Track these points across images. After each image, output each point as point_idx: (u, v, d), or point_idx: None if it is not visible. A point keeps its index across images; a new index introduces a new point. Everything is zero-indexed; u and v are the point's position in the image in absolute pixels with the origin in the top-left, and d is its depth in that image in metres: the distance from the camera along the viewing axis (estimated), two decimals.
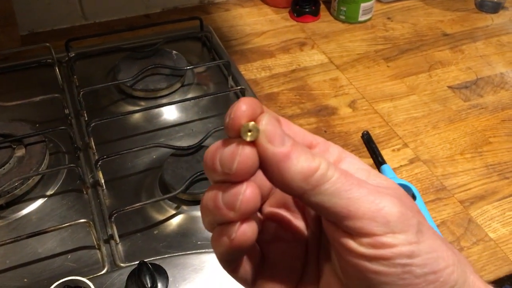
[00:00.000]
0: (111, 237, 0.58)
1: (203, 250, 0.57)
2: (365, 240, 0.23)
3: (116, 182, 0.65)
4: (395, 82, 0.83)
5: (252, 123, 0.23)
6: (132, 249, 0.58)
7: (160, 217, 0.60)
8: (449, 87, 0.82)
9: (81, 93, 0.71)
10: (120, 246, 0.58)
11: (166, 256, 0.56)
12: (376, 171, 0.27)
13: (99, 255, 0.57)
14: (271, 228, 0.29)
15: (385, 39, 0.93)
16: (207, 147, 0.65)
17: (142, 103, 0.76)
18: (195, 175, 0.60)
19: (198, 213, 0.61)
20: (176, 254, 0.57)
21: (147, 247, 0.58)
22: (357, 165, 0.27)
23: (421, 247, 0.23)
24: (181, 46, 0.87)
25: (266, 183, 0.28)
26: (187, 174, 0.61)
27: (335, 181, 0.23)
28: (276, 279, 0.29)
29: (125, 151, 0.62)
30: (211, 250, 0.57)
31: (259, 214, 0.30)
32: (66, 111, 0.73)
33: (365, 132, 0.73)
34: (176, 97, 0.77)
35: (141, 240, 0.59)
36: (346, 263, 0.25)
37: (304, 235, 0.30)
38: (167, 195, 0.58)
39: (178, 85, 0.78)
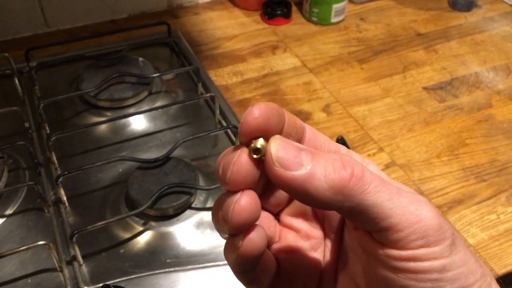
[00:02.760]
0: (74, 258, 0.54)
1: (173, 269, 0.54)
2: (396, 252, 0.22)
3: (80, 199, 0.61)
4: (370, 84, 0.82)
5: (261, 142, 0.22)
6: (97, 270, 0.55)
7: (127, 235, 0.57)
8: (424, 88, 0.81)
9: (42, 105, 0.67)
10: (84, 268, 0.55)
11: (133, 276, 0.53)
12: (393, 180, 0.25)
13: (61, 278, 0.54)
14: (289, 238, 0.29)
15: (358, 41, 0.91)
16: (175, 158, 0.62)
17: (108, 113, 0.73)
18: (162, 189, 0.57)
19: (167, 229, 0.58)
20: (144, 274, 0.54)
21: (113, 267, 0.55)
22: (378, 173, 0.25)
23: (452, 260, 0.22)
24: (148, 53, 0.84)
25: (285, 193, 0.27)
26: (154, 188, 0.58)
27: (374, 189, 0.22)
28: None
29: (87, 166, 0.59)
30: (181, 268, 0.54)
31: (277, 224, 0.29)
32: (27, 125, 0.69)
33: (340, 137, 0.70)
34: (144, 106, 0.74)
35: (106, 260, 0.55)
36: (372, 272, 0.23)
37: (322, 246, 0.29)
38: (133, 212, 0.55)
39: (145, 93, 0.75)
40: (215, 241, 0.57)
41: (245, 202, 0.22)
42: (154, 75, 0.74)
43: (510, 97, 0.79)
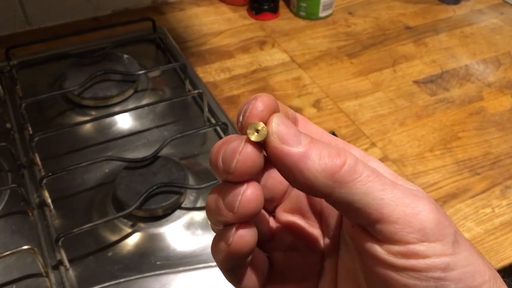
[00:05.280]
0: (60, 262, 0.53)
1: (163, 271, 0.53)
2: (396, 248, 0.21)
3: (66, 201, 0.59)
4: (360, 79, 0.80)
5: (261, 123, 0.22)
6: (84, 274, 0.53)
7: (115, 237, 0.55)
8: (415, 81, 0.80)
9: (23, 104, 0.65)
10: (71, 272, 0.53)
11: (122, 280, 0.52)
12: (402, 178, 0.24)
13: (48, 283, 0.52)
14: (284, 236, 0.28)
15: (347, 35, 0.90)
16: (163, 157, 0.61)
17: (93, 112, 0.71)
18: (151, 189, 0.55)
19: (156, 231, 0.56)
20: (133, 277, 0.52)
21: (101, 271, 0.53)
22: (382, 170, 0.24)
23: (457, 259, 0.21)
24: (133, 50, 0.82)
25: (280, 186, 0.26)
26: (142, 189, 0.56)
27: (366, 178, 0.21)
28: None
29: (72, 167, 0.57)
30: (172, 270, 0.53)
31: (271, 221, 0.28)
32: (8, 125, 0.67)
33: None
34: (130, 104, 0.72)
35: (94, 263, 0.54)
36: (372, 272, 0.22)
37: (320, 244, 0.27)
38: (121, 213, 0.54)
39: (131, 91, 0.73)
40: (206, 242, 0.56)
41: (251, 193, 0.22)
42: (140, 72, 0.72)
43: (501, 89, 0.79)
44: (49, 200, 0.58)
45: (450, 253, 0.21)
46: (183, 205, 0.59)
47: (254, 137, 0.22)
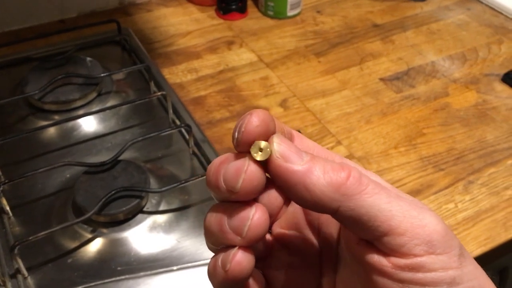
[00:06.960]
0: (18, 271, 0.52)
1: (123, 277, 0.52)
2: (403, 261, 0.21)
3: (25, 208, 0.58)
4: (327, 77, 0.80)
5: (264, 142, 0.22)
6: (43, 282, 0.52)
7: (75, 244, 0.55)
8: (381, 79, 0.80)
9: None
10: (29, 280, 0.52)
11: (81, 286, 0.51)
12: (398, 189, 0.24)
13: None
14: (281, 253, 0.27)
15: (315, 34, 0.90)
16: (124, 161, 0.60)
17: (55, 116, 0.70)
18: (110, 194, 0.54)
19: (118, 236, 0.56)
20: (93, 283, 0.51)
21: (60, 278, 0.52)
22: (381, 183, 0.24)
23: (463, 273, 0.21)
24: (98, 52, 0.81)
25: (275, 202, 0.26)
26: (102, 193, 0.55)
27: (372, 190, 0.21)
28: None
29: (30, 173, 0.56)
30: (132, 276, 0.52)
31: (268, 238, 0.28)
32: None
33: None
34: (93, 108, 0.71)
35: (53, 271, 0.53)
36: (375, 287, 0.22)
37: (317, 261, 0.27)
38: (78, 219, 0.53)
39: (94, 94, 0.72)
40: (169, 245, 0.55)
41: (259, 217, 0.22)
42: (103, 74, 0.71)
43: (466, 85, 0.79)
44: (8, 208, 0.57)
45: (456, 266, 0.21)
46: (145, 209, 0.58)
47: (259, 157, 0.22)
